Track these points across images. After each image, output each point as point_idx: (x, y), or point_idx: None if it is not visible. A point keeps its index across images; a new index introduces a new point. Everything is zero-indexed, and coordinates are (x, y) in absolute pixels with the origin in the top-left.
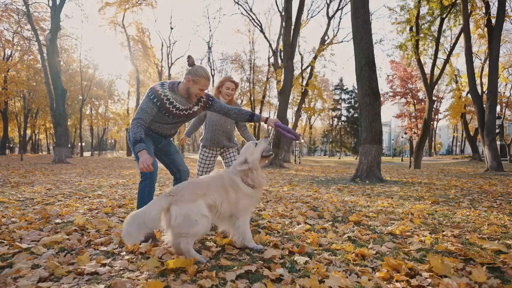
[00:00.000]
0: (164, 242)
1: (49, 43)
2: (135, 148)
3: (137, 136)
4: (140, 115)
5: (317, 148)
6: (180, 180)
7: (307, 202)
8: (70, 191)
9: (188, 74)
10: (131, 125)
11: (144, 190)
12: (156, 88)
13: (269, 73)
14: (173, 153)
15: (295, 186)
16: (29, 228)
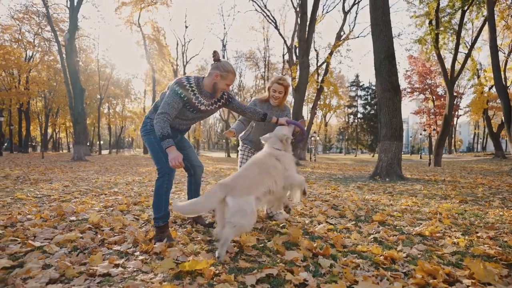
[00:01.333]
0: (180, 241)
1: (67, 43)
2: (163, 144)
3: (165, 131)
4: (166, 109)
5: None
6: (194, 176)
7: (327, 201)
8: (87, 188)
9: (216, 69)
10: (157, 120)
11: (162, 187)
12: (183, 83)
13: (283, 70)
14: (187, 148)
15: (313, 183)
16: (43, 225)
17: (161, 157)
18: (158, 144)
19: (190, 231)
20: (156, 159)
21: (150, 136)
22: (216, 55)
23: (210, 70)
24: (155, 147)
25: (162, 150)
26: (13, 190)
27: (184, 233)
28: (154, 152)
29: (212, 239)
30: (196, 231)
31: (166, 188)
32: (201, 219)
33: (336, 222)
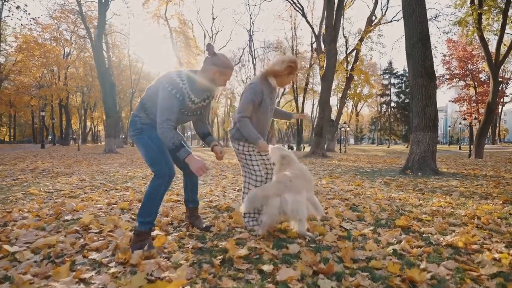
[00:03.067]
0: (167, 248)
1: (96, 38)
2: (181, 154)
3: (177, 141)
4: (167, 115)
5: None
6: (191, 176)
7: (346, 199)
8: (101, 182)
9: (214, 65)
10: (162, 130)
11: (159, 189)
12: (176, 81)
13: (312, 59)
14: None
15: (336, 178)
16: (33, 226)
17: (159, 158)
18: (154, 144)
19: (183, 235)
20: (152, 160)
21: (143, 135)
22: (211, 48)
23: (205, 65)
24: (151, 148)
25: (161, 151)
26: (30, 184)
27: (175, 238)
28: (150, 153)
29: (204, 246)
30: (189, 236)
31: (163, 190)
32: (198, 222)
33: (351, 227)
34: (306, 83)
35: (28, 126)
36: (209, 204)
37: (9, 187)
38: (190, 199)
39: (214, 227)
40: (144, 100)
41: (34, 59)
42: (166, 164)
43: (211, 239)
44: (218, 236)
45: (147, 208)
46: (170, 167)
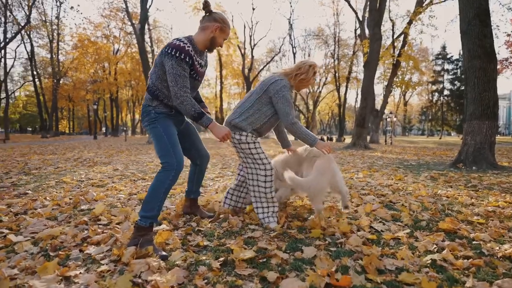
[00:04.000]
0: (169, 246)
1: (138, 33)
2: (204, 121)
3: (197, 109)
4: (182, 82)
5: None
6: (201, 166)
7: (383, 195)
8: (132, 172)
9: (214, 21)
10: (181, 99)
11: (164, 181)
12: (180, 45)
13: (355, 46)
14: (194, 134)
15: (375, 172)
16: (44, 215)
17: (169, 150)
18: (166, 135)
19: (190, 230)
20: (162, 151)
21: (156, 125)
22: (207, 5)
23: (204, 23)
24: (163, 139)
25: (172, 143)
26: (67, 172)
27: (181, 234)
28: (161, 144)
29: (209, 245)
30: (197, 232)
31: (169, 184)
32: (201, 212)
33: (383, 228)
34: (349, 72)
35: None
36: None
37: (47, 175)
38: (194, 189)
39: (226, 224)
40: (152, 88)
41: (88, 56)
42: (174, 157)
43: (219, 237)
44: (228, 234)
45: (150, 202)
46: (179, 160)
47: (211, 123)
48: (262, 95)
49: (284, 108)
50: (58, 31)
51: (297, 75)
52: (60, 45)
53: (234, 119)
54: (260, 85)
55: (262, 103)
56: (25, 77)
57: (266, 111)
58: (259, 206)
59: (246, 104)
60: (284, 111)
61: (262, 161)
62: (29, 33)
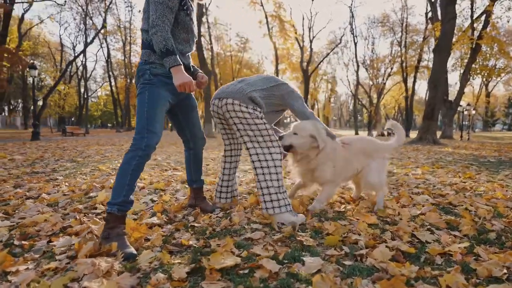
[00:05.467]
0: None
1: None
2: (169, 61)
3: (169, 44)
4: (161, 10)
5: (497, 121)
6: (195, 151)
7: (442, 195)
8: (169, 162)
9: None
10: (156, 28)
11: (130, 163)
12: None
13: (426, 32)
14: (193, 111)
15: (439, 168)
16: (46, 200)
17: (143, 126)
18: (148, 107)
19: (181, 226)
20: (138, 126)
21: (144, 91)
22: None
23: None
24: (143, 111)
25: (150, 118)
26: (108, 161)
27: (169, 230)
28: (139, 116)
29: (194, 244)
30: (189, 228)
31: (135, 166)
32: (205, 204)
33: (430, 238)
34: (419, 60)
35: None
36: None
37: (89, 163)
38: (194, 178)
39: (227, 220)
40: (147, 38)
41: None
42: (146, 136)
43: (211, 235)
44: (223, 233)
45: (117, 187)
46: (149, 142)
47: (175, 66)
48: (276, 86)
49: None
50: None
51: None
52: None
53: (251, 91)
54: (273, 77)
55: (272, 92)
56: (105, 78)
57: (271, 103)
58: (271, 193)
59: (260, 83)
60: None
61: (275, 139)
62: (106, 37)
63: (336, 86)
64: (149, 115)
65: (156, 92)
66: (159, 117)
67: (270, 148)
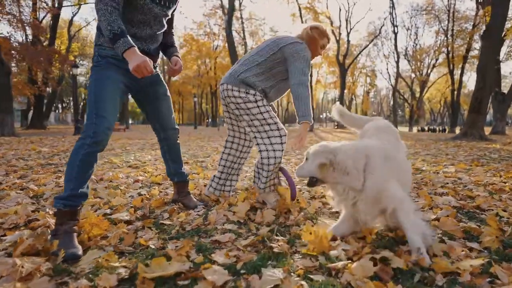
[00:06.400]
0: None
1: (226, 25)
2: (118, 46)
3: (115, 27)
4: None
5: None
6: (167, 141)
7: (471, 197)
8: (188, 156)
9: None
10: (100, 13)
11: (78, 153)
12: None
13: (476, 19)
14: (160, 99)
15: (478, 166)
16: (33, 192)
17: (91, 112)
18: (95, 92)
19: (149, 224)
20: (87, 113)
21: (92, 75)
22: None
23: None
24: (90, 96)
25: (98, 103)
26: (127, 154)
27: (135, 228)
28: (88, 99)
29: (151, 246)
30: (156, 227)
31: (83, 156)
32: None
33: (436, 251)
34: (467, 49)
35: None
36: None
37: (106, 156)
38: (172, 171)
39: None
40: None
41: (191, 53)
42: (95, 118)
43: (177, 235)
44: (191, 233)
45: (65, 180)
46: (97, 129)
47: (128, 50)
48: (277, 52)
49: (302, 67)
50: None
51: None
52: None
53: (242, 72)
54: (275, 42)
55: (274, 61)
56: None
57: (277, 72)
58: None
59: (256, 57)
60: (301, 69)
61: (274, 121)
62: None
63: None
64: (97, 98)
65: (104, 74)
66: (108, 101)
67: (268, 131)
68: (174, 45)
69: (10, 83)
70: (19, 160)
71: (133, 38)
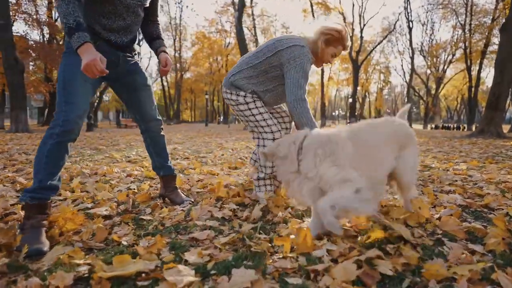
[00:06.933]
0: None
1: (236, 21)
2: (73, 41)
3: (70, 20)
4: None
5: None
6: (149, 133)
7: (479, 196)
8: (186, 151)
9: None
10: (57, 6)
11: (45, 143)
12: None
13: (495, 12)
14: (140, 88)
15: (492, 163)
16: (21, 185)
17: (61, 100)
18: (63, 78)
19: (127, 219)
20: (57, 99)
21: (62, 61)
22: None
23: None
24: (60, 80)
25: (66, 90)
26: (131, 149)
27: (112, 223)
28: (57, 87)
29: (124, 243)
30: (134, 222)
31: (51, 146)
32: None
33: (434, 253)
34: (486, 44)
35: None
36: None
37: (109, 151)
38: (158, 165)
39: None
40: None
41: (203, 51)
42: (64, 106)
43: (154, 232)
44: (169, 229)
45: (34, 172)
46: (68, 110)
47: (82, 46)
48: (272, 56)
49: (298, 78)
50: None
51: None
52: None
53: (233, 74)
54: (274, 44)
55: (270, 64)
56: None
57: (274, 77)
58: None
59: (252, 59)
60: (297, 81)
61: (267, 123)
62: None
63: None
64: (67, 85)
65: (74, 59)
66: (79, 87)
67: (262, 133)
68: (161, 37)
69: (23, 81)
70: (22, 155)
71: (104, 30)
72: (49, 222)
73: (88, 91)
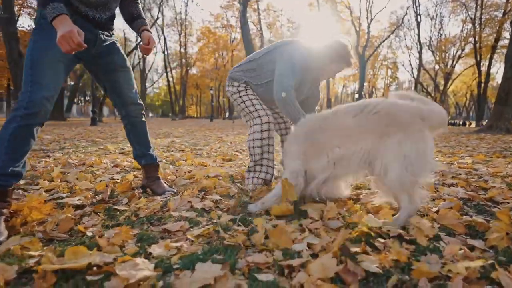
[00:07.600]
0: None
1: (241, 15)
2: (47, 12)
3: None
4: None
5: None
6: (129, 119)
7: (484, 189)
8: (183, 144)
9: None
10: None
11: (7, 127)
12: None
13: (507, 5)
14: (118, 70)
15: (500, 157)
16: None
17: (27, 80)
18: (31, 57)
19: (99, 209)
20: (23, 78)
21: (32, 37)
22: None
23: None
24: (28, 58)
25: (34, 70)
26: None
27: (82, 213)
28: (24, 65)
29: (88, 234)
30: (106, 213)
31: (14, 130)
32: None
33: (428, 249)
34: (496, 39)
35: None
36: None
37: (104, 143)
38: (139, 153)
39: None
40: None
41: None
42: (30, 86)
43: (124, 223)
44: (142, 220)
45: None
46: (34, 91)
47: (57, 17)
48: (271, 51)
49: (285, 68)
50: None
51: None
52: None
53: (234, 68)
54: (278, 42)
55: (268, 59)
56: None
57: (267, 71)
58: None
59: (254, 55)
60: (285, 70)
61: (255, 108)
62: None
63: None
64: (34, 64)
65: (45, 35)
66: (48, 66)
67: (250, 120)
68: (142, 16)
69: None
70: None
71: (82, 4)
72: (13, 212)
73: (60, 71)
